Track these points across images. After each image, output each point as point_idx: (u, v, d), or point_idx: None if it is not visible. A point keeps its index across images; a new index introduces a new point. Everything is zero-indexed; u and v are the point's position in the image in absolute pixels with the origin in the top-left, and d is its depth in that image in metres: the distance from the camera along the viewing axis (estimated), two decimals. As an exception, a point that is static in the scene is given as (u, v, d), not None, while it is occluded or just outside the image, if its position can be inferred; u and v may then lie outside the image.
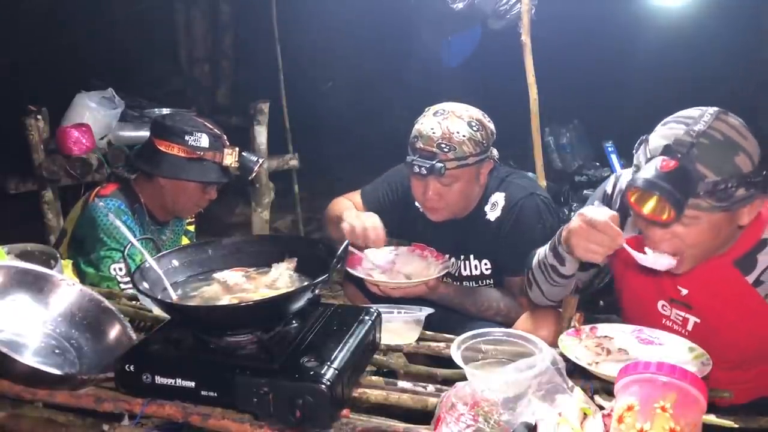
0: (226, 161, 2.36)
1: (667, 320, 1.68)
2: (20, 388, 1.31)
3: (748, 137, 1.39)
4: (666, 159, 1.36)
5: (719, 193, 1.36)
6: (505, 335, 1.42)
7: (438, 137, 1.97)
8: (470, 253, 2.20)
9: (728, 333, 1.58)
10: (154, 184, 2.37)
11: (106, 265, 2.23)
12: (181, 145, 2.29)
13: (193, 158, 2.30)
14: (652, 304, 1.69)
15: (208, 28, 6.21)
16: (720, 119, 1.40)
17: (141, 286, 1.30)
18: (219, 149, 2.34)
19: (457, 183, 2.03)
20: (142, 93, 4.24)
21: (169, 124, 2.35)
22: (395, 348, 1.59)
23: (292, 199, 4.85)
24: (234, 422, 1.19)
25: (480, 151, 2.01)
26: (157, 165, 2.32)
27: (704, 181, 1.35)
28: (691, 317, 1.63)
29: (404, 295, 1.98)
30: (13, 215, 3.58)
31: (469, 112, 2.05)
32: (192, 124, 2.35)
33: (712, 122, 1.39)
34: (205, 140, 2.31)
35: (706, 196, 1.37)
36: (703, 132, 1.37)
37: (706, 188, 1.35)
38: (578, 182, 4.40)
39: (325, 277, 1.28)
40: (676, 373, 1.04)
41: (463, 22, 4.02)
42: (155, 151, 2.32)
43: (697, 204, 1.38)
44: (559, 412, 1.12)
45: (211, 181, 2.36)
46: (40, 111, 3.36)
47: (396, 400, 1.32)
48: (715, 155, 1.36)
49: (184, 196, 2.38)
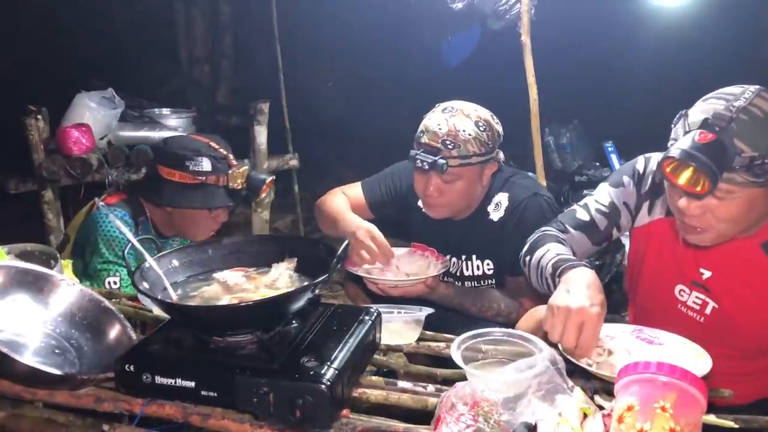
0: (232, 183, 2.28)
1: (683, 306, 1.68)
2: (20, 388, 1.31)
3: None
4: (704, 132, 1.37)
5: (755, 168, 1.37)
6: (505, 335, 1.41)
7: (444, 134, 1.97)
8: (472, 254, 2.20)
9: (745, 320, 1.58)
10: (160, 209, 2.34)
11: (102, 278, 2.20)
12: (182, 172, 2.23)
13: (196, 184, 2.24)
14: (670, 289, 1.69)
15: (208, 28, 6.21)
16: (761, 96, 1.40)
17: (141, 286, 1.30)
18: (223, 171, 2.27)
19: (459, 181, 2.02)
20: (142, 93, 4.23)
21: (168, 150, 2.28)
22: (395, 348, 1.59)
23: (292, 199, 4.85)
24: (234, 422, 1.19)
25: (485, 152, 2.01)
26: (159, 193, 2.28)
27: (741, 155, 1.36)
28: (710, 301, 1.63)
29: (403, 293, 1.98)
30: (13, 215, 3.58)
31: (477, 111, 2.04)
32: (193, 147, 2.27)
33: (753, 99, 1.40)
34: (207, 164, 2.24)
35: (742, 171, 1.37)
36: (743, 108, 1.38)
37: (742, 163, 1.36)
38: (578, 182, 4.40)
39: (325, 277, 1.28)
40: (676, 373, 1.04)
41: (463, 22, 4.02)
42: (158, 178, 2.28)
43: (732, 178, 1.39)
44: (559, 412, 1.12)
45: (216, 206, 2.30)
46: (40, 111, 3.36)
47: (396, 400, 1.32)
48: (753, 131, 1.37)
49: (192, 223, 2.33)
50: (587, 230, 1.77)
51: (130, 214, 2.29)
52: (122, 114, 3.66)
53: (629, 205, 1.76)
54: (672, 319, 1.68)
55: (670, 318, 1.69)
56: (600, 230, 1.77)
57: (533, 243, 1.77)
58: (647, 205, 1.74)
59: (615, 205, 1.76)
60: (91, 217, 2.29)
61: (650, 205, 1.73)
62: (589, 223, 1.77)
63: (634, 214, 1.76)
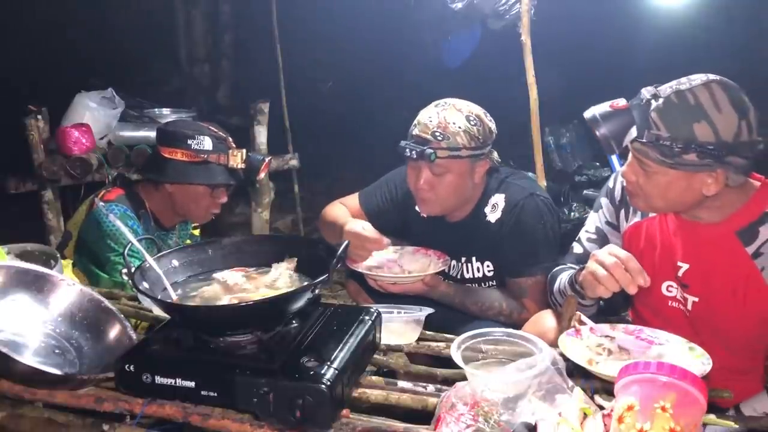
0: (232, 162, 2.32)
1: (673, 301, 1.71)
2: (20, 388, 1.31)
3: (725, 112, 1.43)
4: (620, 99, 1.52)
5: (663, 147, 1.46)
6: (505, 335, 1.41)
7: (434, 126, 1.99)
8: (472, 255, 2.20)
9: (726, 310, 1.60)
10: (162, 192, 2.36)
11: (117, 270, 2.24)
12: (184, 150, 2.27)
13: (198, 161, 2.28)
14: (657, 287, 1.71)
15: (208, 28, 6.22)
16: (707, 87, 1.46)
17: (141, 286, 1.30)
18: (223, 151, 2.31)
19: (449, 175, 2.02)
20: (142, 93, 4.24)
21: (170, 129, 2.33)
22: (395, 348, 1.59)
23: (292, 199, 4.86)
24: (234, 422, 1.19)
25: (474, 146, 2.01)
26: (162, 171, 2.30)
27: (651, 131, 1.47)
28: (689, 297, 1.66)
29: (403, 291, 1.99)
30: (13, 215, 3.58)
31: (470, 107, 2.05)
32: (194, 127, 2.33)
33: (696, 86, 1.47)
34: (209, 143, 2.29)
35: (650, 146, 1.48)
36: (679, 91, 1.47)
37: (650, 138, 1.47)
38: (578, 182, 4.40)
39: (325, 277, 1.28)
40: (676, 373, 1.04)
41: (463, 22, 4.02)
42: (160, 158, 2.31)
43: (645, 151, 1.50)
44: (559, 412, 1.12)
45: (218, 183, 2.33)
46: (40, 111, 3.36)
47: (396, 400, 1.32)
48: (674, 113, 1.46)
49: (193, 201, 2.35)
50: (585, 262, 1.79)
51: (131, 208, 2.31)
52: (122, 114, 3.66)
53: (612, 222, 1.83)
54: (664, 315, 1.71)
55: (663, 315, 1.72)
56: None
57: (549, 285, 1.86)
58: (623, 213, 1.80)
59: (600, 229, 1.85)
60: (92, 215, 2.30)
61: (625, 213, 1.79)
62: (585, 255, 1.80)
63: (619, 228, 1.82)
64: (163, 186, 2.35)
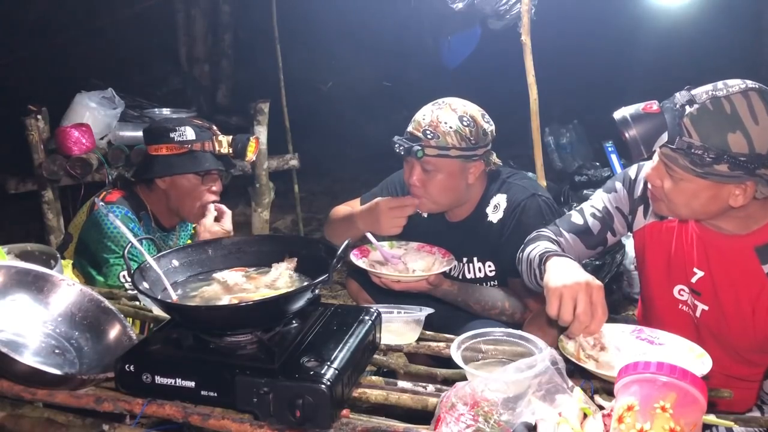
0: (218, 147, 2.34)
1: (683, 305, 1.70)
2: (20, 388, 1.31)
3: (762, 124, 1.37)
4: (653, 103, 1.45)
5: (693, 155, 1.40)
6: (505, 335, 1.41)
7: (426, 123, 2.01)
8: (474, 256, 2.19)
9: (734, 323, 1.58)
10: (156, 192, 2.37)
11: (115, 272, 2.24)
12: (168, 144, 2.30)
13: (183, 152, 2.30)
14: (669, 289, 1.70)
15: (208, 28, 6.23)
16: (745, 95, 1.39)
17: (141, 286, 1.30)
18: (207, 138, 2.33)
19: (439, 174, 2.04)
20: (142, 93, 4.24)
21: (153, 127, 2.38)
22: (395, 348, 1.59)
23: (292, 199, 4.86)
24: (234, 422, 1.19)
25: (465, 147, 2.01)
26: (149, 168, 2.32)
27: (683, 138, 1.40)
28: (699, 304, 1.64)
29: (406, 289, 1.98)
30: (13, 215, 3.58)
31: (466, 107, 2.05)
32: (175, 122, 2.36)
33: (733, 94, 1.40)
34: (191, 132, 2.31)
35: (680, 153, 1.42)
36: (715, 98, 1.40)
37: (681, 145, 1.40)
38: (578, 182, 4.41)
39: (325, 277, 1.28)
40: (676, 373, 1.04)
41: (463, 22, 4.02)
42: (147, 157, 2.35)
43: (675, 158, 1.44)
44: (559, 412, 1.12)
45: (204, 169, 2.33)
46: (40, 111, 3.36)
47: (396, 400, 1.32)
48: (709, 122, 1.39)
49: (187, 194, 2.35)
50: (581, 234, 1.79)
51: (132, 210, 2.31)
52: (122, 114, 3.67)
53: (622, 210, 1.79)
54: (674, 318, 1.70)
55: (672, 317, 1.70)
56: (593, 234, 1.79)
57: (527, 242, 1.81)
58: (642, 209, 1.76)
59: (608, 210, 1.79)
60: (92, 216, 2.31)
61: (645, 209, 1.75)
62: (583, 227, 1.79)
63: (629, 219, 1.79)
64: (155, 185, 2.35)
